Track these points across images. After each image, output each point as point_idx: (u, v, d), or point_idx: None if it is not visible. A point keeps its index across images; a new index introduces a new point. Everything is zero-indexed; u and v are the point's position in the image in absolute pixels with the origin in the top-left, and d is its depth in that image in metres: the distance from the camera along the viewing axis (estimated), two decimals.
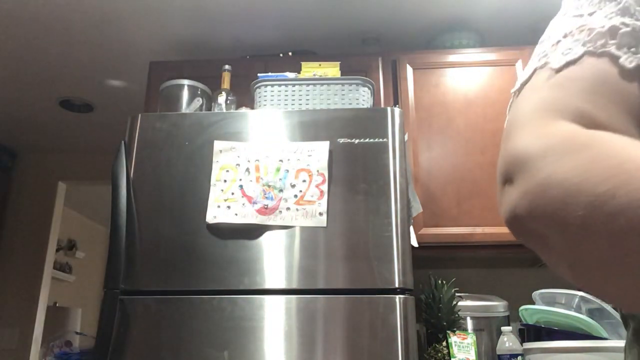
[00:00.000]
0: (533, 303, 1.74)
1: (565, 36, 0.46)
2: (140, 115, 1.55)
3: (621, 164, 0.33)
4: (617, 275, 0.33)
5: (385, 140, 1.45)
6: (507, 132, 0.43)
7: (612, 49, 0.43)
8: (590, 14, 0.46)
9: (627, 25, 0.44)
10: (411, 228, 1.50)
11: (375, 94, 1.93)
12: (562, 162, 0.35)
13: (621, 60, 0.42)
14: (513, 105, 0.47)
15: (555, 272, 0.38)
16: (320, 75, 1.72)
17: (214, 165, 1.45)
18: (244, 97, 1.87)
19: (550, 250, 0.36)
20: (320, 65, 1.82)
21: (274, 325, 1.32)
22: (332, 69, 1.79)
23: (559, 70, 0.44)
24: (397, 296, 1.32)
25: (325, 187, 1.40)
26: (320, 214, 1.38)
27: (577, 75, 0.43)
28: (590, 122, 0.40)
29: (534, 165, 0.37)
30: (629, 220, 0.31)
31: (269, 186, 1.41)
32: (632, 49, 0.43)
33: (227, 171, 1.44)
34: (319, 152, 1.43)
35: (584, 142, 0.36)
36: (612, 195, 0.31)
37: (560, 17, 0.50)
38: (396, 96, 2.08)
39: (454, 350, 1.65)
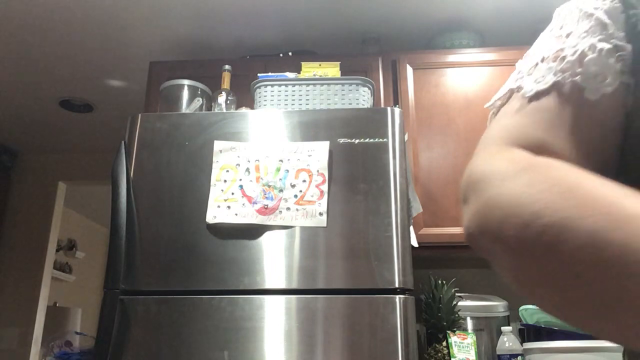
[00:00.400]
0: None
1: (543, 60, 0.48)
2: (140, 115, 1.55)
3: (551, 187, 0.36)
4: (548, 290, 0.35)
5: (385, 140, 1.45)
6: (474, 155, 0.46)
7: (579, 79, 0.45)
8: (568, 35, 0.48)
9: (594, 49, 0.46)
10: (411, 228, 1.50)
11: (375, 94, 1.93)
12: (504, 186, 0.39)
13: (585, 93, 0.45)
14: (487, 128, 0.50)
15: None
16: (320, 75, 1.72)
17: (214, 165, 1.45)
18: (244, 97, 1.87)
19: (499, 265, 0.39)
20: (320, 65, 1.82)
21: (274, 325, 1.32)
22: (332, 69, 1.79)
23: (529, 99, 0.47)
24: (397, 296, 1.32)
25: (325, 187, 1.40)
26: (320, 214, 1.38)
27: (543, 106, 0.46)
28: (545, 151, 0.43)
29: (481, 188, 0.41)
30: (553, 239, 0.33)
31: (269, 186, 1.41)
32: (599, 77, 0.45)
33: (227, 171, 1.44)
34: (319, 152, 1.43)
35: (525, 167, 0.39)
36: (539, 216, 0.35)
37: (546, 34, 0.52)
38: (396, 96, 2.08)
39: (454, 350, 1.65)
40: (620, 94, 0.46)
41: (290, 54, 2.24)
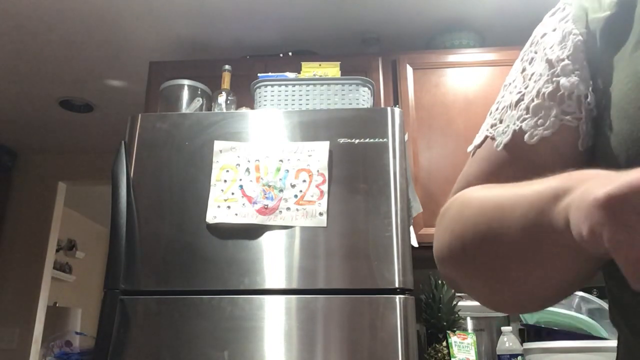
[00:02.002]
0: None
1: (510, 105, 0.50)
2: (140, 115, 1.55)
3: (455, 213, 0.49)
4: (478, 282, 0.48)
5: (385, 140, 1.45)
6: None
7: (524, 125, 0.48)
8: (530, 76, 0.50)
9: (539, 94, 0.48)
10: (411, 228, 1.50)
11: (375, 94, 1.93)
12: (437, 230, 0.53)
13: (525, 137, 0.48)
14: None
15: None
16: (320, 75, 1.72)
17: (214, 165, 1.45)
18: (244, 97, 1.87)
19: (459, 287, 0.51)
20: (320, 65, 1.82)
21: (274, 325, 1.32)
22: (332, 69, 1.79)
23: (502, 149, 0.50)
24: (397, 296, 1.32)
25: (325, 187, 1.40)
26: (321, 214, 1.38)
27: (497, 155, 0.50)
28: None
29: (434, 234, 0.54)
30: (463, 248, 0.47)
31: (269, 186, 1.41)
32: (539, 121, 0.47)
33: (227, 171, 1.44)
34: (319, 152, 1.43)
35: (444, 211, 0.52)
36: (450, 240, 0.49)
37: (518, 65, 0.53)
38: (396, 96, 2.08)
39: (454, 350, 1.65)
40: (563, 137, 0.47)
41: (290, 54, 2.23)
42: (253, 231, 1.39)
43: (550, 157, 0.47)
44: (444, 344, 1.68)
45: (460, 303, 1.76)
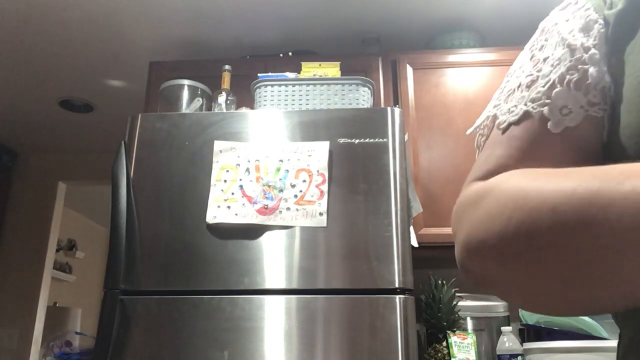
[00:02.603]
0: None
1: (519, 86, 0.49)
2: (140, 115, 1.55)
3: (510, 197, 0.40)
4: (539, 279, 0.39)
5: (385, 140, 1.45)
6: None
7: (545, 111, 0.46)
8: (545, 60, 0.49)
9: (563, 81, 0.46)
10: (411, 228, 1.50)
11: (375, 94, 1.93)
12: (468, 218, 0.45)
13: (549, 125, 0.46)
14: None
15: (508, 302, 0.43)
16: (320, 75, 1.72)
17: (214, 165, 1.45)
18: (244, 97, 1.87)
19: (494, 283, 0.44)
20: (320, 65, 1.82)
21: (274, 325, 1.32)
22: (332, 69, 1.79)
23: (502, 131, 0.49)
24: (397, 296, 1.32)
25: (325, 187, 1.40)
26: (320, 214, 1.38)
27: (510, 137, 0.48)
28: (495, 173, 0.47)
29: (454, 227, 0.47)
30: (529, 238, 0.38)
31: (269, 186, 1.41)
32: (564, 110, 0.46)
33: (227, 171, 1.44)
34: (319, 152, 1.43)
35: (481, 194, 0.44)
36: (508, 223, 0.39)
37: (526, 53, 0.52)
38: (396, 96, 2.08)
39: (454, 350, 1.65)
40: (587, 128, 0.45)
41: (290, 54, 2.23)
42: (253, 231, 1.39)
43: (575, 145, 0.46)
44: (444, 344, 1.68)
45: (460, 303, 1.76)
